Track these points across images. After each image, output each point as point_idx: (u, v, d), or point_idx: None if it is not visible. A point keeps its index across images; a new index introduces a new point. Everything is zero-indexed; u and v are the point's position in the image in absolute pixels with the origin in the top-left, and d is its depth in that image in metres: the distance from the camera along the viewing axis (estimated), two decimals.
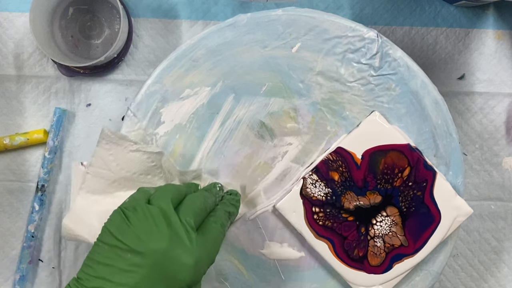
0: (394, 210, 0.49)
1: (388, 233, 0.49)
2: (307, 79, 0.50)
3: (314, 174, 0.49)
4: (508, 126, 0.58)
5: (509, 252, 0.58)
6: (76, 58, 0.58)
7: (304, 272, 0.51)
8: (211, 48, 0.50)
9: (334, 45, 0.50)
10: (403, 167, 0.49)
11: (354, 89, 0.50)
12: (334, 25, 0.49)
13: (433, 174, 0.49)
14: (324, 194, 0.49)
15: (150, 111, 0.50)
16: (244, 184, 0.50)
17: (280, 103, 0.51)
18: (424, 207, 0.49)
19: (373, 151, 0.49)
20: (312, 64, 0.50)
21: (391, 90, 0.50)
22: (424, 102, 0.49)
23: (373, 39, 0.49)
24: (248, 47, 0.50)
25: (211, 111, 0.51)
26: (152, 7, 0.58)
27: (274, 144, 0.51)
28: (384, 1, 0.58)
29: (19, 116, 0.59)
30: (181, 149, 0.50)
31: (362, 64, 0.49)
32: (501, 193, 0.58)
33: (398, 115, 0.50)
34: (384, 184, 0.49)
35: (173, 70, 0.50)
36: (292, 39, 0.50)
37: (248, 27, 0.50)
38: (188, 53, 0.50)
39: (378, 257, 0.49)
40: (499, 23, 0.58)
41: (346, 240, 0.49)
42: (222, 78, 0.50)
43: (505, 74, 0.58)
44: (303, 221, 0.49)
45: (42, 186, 0.57)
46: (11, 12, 0.59)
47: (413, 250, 0.49)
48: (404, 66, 0.49)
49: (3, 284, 0.59)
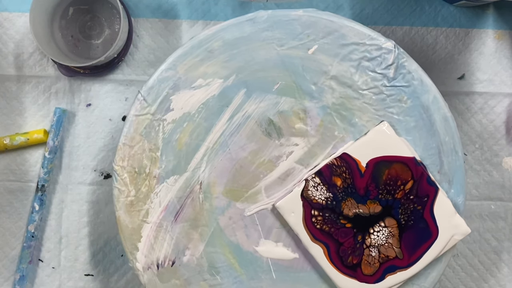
0: (392, 222, 0.49)
1: (384, 243, 0.49)
2: (320, 82, 0.50)
3: (317, 177, 0.49)
4: (508, 126, 0.58)
5: (509, 252, 0.58)
6: (76, 58, 0.57)
7: (296, 274, 0.51)
8: (228, 40, 0.50)
9: (350, 51, 0.50)
10: (406, 180, 0.49)
11: (366, 97, 0.50)
12: (353, 32, 0.49)
13: (435, 190, 0.49)
14: (325, 198, 0.49)
15: (161, 96, 0.50)
16: None
17: (290, 103, 0.51)
18: (422, 222, 0.49)
19: (378, 161, 0.49)
20: (326, 68, 0.50)
21: (403, 102, 0.50)
22: (434, 117, 0.50)
23: (390, 50, 0.49)
24: (265, 43, 0.50)
25: (221, 103, 0.50)
26: (152, 7, 0.58)
27: (280, 143, 0.51)
28: (384, 1, 0.58)
29: (19, 116, 0.59)
30: (186, 138, 0.50)
31: (377, 73, 0.50)
32: (501, 193, 0.58)
33: (407, 127, 0.50)
34: (385, 195, 0.49)
35: (188, 58, 0.50)
36: (310, 41, 0.50)
37: (267, 24, 0.50)
38: (205, 43, 0.50)
39: (372, 267, 0.49)
40: (499, 23, 0.59)
41: (342, 246, 0.49)
42: (236, 71, 0.50)
43: (505, 74, 0.58)
44: (301, 222, 0.49)
45: (42, 186, 0.57)
46: (11, 12, 0.59)
47: (407, 264, 0.49)
48: (418, 79, 0.49)
49: (3, 284, 0.59)
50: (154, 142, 0.50)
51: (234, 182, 0.51)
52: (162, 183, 0.50)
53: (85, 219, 0.59)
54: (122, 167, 0.50)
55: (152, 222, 0.50)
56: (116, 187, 0.50)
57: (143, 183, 0.50)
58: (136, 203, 0.50)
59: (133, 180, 0.50)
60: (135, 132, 0.50)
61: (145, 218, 0.50)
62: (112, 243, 0.58)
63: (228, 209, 0.51)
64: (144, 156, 0.50)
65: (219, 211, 0.51)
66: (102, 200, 0.59)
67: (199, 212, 0.51)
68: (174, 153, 0.50)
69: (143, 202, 0.50)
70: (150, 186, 0.50)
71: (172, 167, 0.50)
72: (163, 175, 0.50)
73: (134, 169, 0.50)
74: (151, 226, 0.50)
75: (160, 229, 0.50)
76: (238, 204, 0.51)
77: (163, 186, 0.50)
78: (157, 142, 0.50)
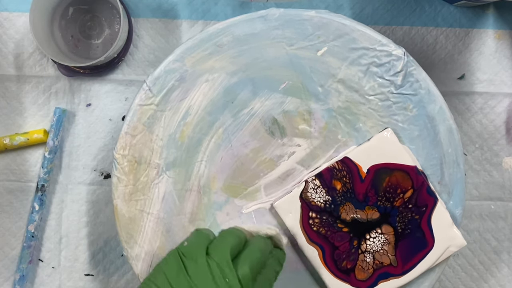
0: (389, 229, 0.49)
1: (380, 250, 0.49)
2: (327, 85, 0.50)
3: (317, 179, 0.49)
4: (508, 126, 0.58)
5: (509, 252, 0.58)
6: (76, 58, 0.57)
7: (290, 275, 0.51)
8: (238, 36, 0.50)
9: (360, 56, 0.49)
10: (406, 188, 0.49)
11: (372, 102, 0.50)
12: (363, 36, 0.49)
13: (435, 200, 0.49)
14: (324, 201, 0.49)
15: (166, 88, 0.50)
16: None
17: (296, 103, 0.50)
18: (419, 231, 0.49)
19: (379, 167, 0.49)
20: (334, 71, 0.50)
21: (408, 111, 0.50)
22: (438, 128, 0.49)
23: (399, 57, 0.49)
24: (275, 42, 0.50)
25: (227, 99, 0.50)
26: (152, 7, 0.58)
27: (283, 143, 0.51)
28: (384, 1, 0.58)
29: (19, 116, 0.58)
30: (189, 131, 0.50)
31: (385, 79, 0.49)
32: (501, 193, 0.58)
33: (411, 136, 0.50)
34: (384, 202, 0.49)
35: (196, 51, 0.50)
36: (320, 42, 0.50)
37: (279, 22, 0.49)
38: (214, 37, 0.50)
39: (365, 272, 0.49)
40: (499, 23, 0.58)
41: (337, 250, 0.49)
42: (243, 68, 0.50)
43: (505, 74, 0.58)
44: (297, 223, 0.49)
45: (42, 186, 0.57)
46: (11, 12, 0.58)
47: (401, 272, 0.49)
48: (425, 89, 0.49)
49: (3, 284, 0.58)
50: (156, 133, 0.50)
51: (234, 178, 0.51)
52: (162, 174, 0.50)
53: (85, 219, 0.59)
54: (123, 155, 0.50)
55: (150, 213, 0.50)
56: (115, 175, 0.50)
57: (143, 174, 0.50)
58: (134, 192, 0.50)
59: (132, 169, 0.50)
60: (138, 121, 0.50)
61: (142, 208, 0.50)
62: (112, 243, 0.58)
63: (226, 205, 0.51)
64: (146, 147, 0.50)
65: (217, 206, 0.51)
66: (102, 200, 0.58)
67: (197, 206, 0.51)
68: (176, 145, 0.50)
69: (141, 192, 0.50)
70: (149, 177, 0.50)
71: (173, 159, 0.50)
72: (163, 167, 0.50)
73: (134, 158, 0.50)
74: (148, 217, 0.50)
75: (157, 220, 0.50)
76: (236, 201, 0.51)
77: (162, 177, 0.50)
78: (159, 133, 0.50)
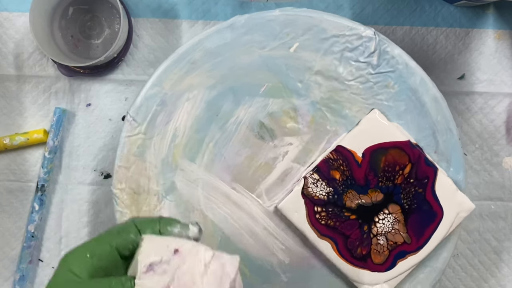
0: (396, 208, 0.49)
1: (391, 230, 0.49)
2: (305, 79, 0.50)
3: (315, 173, 0.49)
4: (508, 126, 0.58)
5: (509, 252, 0.58)
6: (76, 58, 0.58)
7: (307, 272, 0.51)
8: (210, 49, 0.50)
9: (331, 44, 0.50)
10: (404, 164, 0.49)
11: (353, 87, 0.50)
12: (331, 25, 0.49)
13: (434, 170, 0.49)
14: (326, 193, 0.49)
15: (150, 114, 0.50)
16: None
17: (279, 103, 0.51)
18: (426, 204, 0.49)
19: (373, 149, 0.49)
20: (310, 64, 0.50)
21: (390, 88, 0.50)
22: (424, 99, 0.49)
23: (370, 37, 0.49)
24: (247, 48, 0.50)
25: (211, 113, 0.50)
26: (152, 7, 0.58)
27: (274, 145, 0.51)
28: (384, 1, 0.58)
29: (19, 116, 0.59)
30: (180, 153, 0.50)
31: (360, 62, 0.50)
32: (501, 193, 0.58)
33: (398, 112, 0.50)
34: (385, 182, 0.49)
35: (172, 72, 0.50)
36: (290, 39, 0.50)
37: (246, 28, 0.50)
38: (187, 56, 0.50)
39: (381, 255, 0.49)
40: (499, 23, 0.58)
41: (349, 238, 0.49)
42: (221, 80, 0.50)
43: (505, 74, 0.58)
44: (305, 220, 0.49)
45: (42, 186, 0.57)
46: (11, 12, 0.59)
47: (416, 247, 0.49)
48: (402, 63, 0.49)
49: (3, 284, 0.58)
50: (149, 160, 0.50)
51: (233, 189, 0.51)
52: (163, 200, 0.50)
53: (85, 219, 0.59)
54: (121, 189, 0.50)
55: None
56: (117, 210, 0.50)
57: (144, 203, 0.50)
58: None
59: (133, 201, 0.50)
60: (128, 153, 0.50)
61: None
62: None
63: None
64: (142, 176, 0.50)
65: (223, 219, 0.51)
66: (102, 200, 0.58)
67: (203, 223, 0.51)
68: (171, 169, 0.50)
69: None
70: (151, 206, 0.50)
71: (171, 183, 0.50)
72: (163, 193, 0.50)
73: (133, 190, 0.50)
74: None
75: None
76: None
77: (164, 203, 0.50)
78: (152, 160, 0.50)
